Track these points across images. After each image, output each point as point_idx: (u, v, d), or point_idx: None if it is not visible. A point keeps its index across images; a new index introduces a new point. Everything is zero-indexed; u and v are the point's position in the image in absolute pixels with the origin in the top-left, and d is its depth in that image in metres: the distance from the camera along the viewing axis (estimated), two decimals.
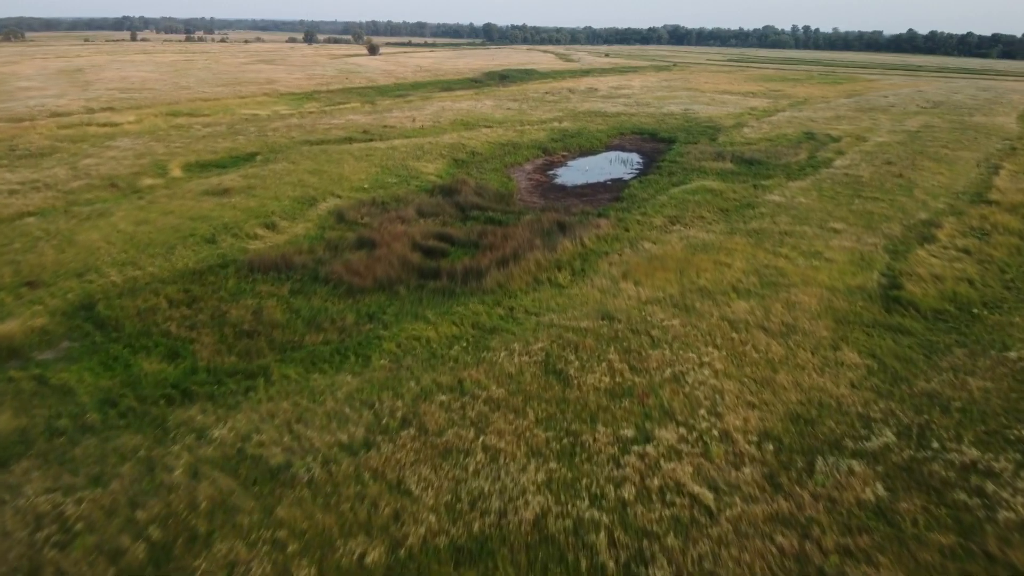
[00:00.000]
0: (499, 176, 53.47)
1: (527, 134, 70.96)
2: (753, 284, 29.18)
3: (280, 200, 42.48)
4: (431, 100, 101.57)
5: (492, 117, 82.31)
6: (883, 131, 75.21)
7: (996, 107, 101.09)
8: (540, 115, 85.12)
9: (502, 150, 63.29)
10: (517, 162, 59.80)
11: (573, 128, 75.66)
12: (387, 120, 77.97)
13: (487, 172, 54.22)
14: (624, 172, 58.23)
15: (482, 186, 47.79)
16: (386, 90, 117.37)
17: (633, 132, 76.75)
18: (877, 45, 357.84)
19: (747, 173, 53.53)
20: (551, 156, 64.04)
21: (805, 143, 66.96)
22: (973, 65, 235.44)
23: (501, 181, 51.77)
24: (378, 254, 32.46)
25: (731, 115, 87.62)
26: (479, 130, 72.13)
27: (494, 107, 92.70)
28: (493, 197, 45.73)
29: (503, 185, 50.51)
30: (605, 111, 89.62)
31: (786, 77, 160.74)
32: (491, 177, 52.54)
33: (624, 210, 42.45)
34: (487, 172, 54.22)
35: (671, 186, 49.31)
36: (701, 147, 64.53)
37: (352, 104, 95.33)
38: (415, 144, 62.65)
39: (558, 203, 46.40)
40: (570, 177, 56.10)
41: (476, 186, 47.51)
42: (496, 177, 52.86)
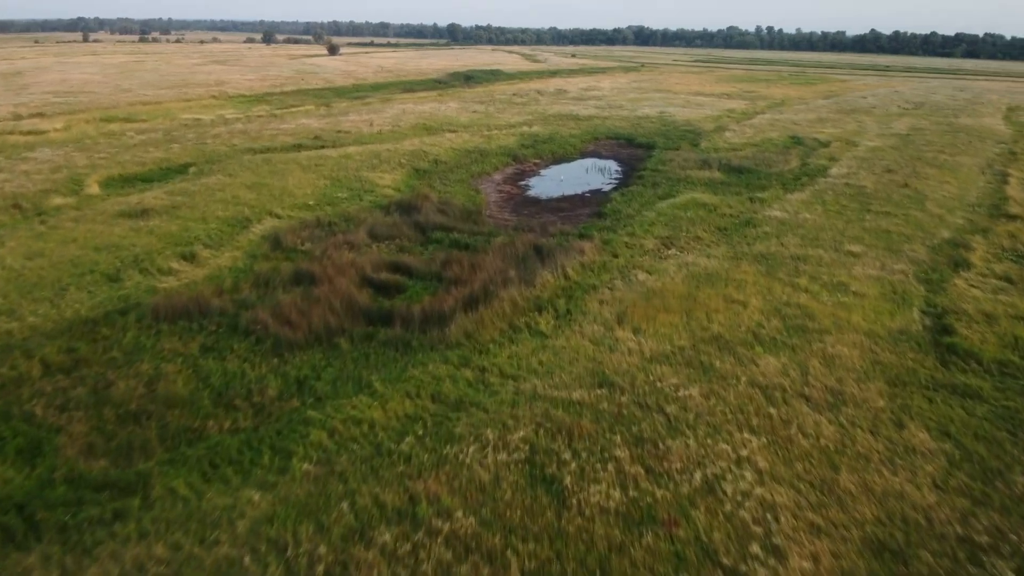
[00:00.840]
0: (465, 188, 47.74)
1: (495, 140, 65.34)
2: (777, 330, 23.90)
3: (207, 222, 36.24)
4: (391, 102, 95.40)
5: (457, 121, 76.53)
6: (871, 134, 71.10)
7: (978, 108, 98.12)
8: (508, 118, 79.56)
9: (468, 158, 57.57)
10: (485, 172, 54.15)
11: (544, 133, 70.21)
12: (342, 124, 71.70)
13: (452, 184, 48.46)
14: (603, 182, 52.93)
15: (446, 201, 42.01)
16: (344, 92, 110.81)
17: (608, 137, 71.59)
18: (842, 45, 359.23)
19: (738, 183, 48.57)
20: (522, 164, 58.53)
21: (793, 148, 62.39)
22: (940, 65, 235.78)
23: (468, 194, 46.05)
24: (318, 293, 26.53)
25: (709, 118, 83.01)
26: (442, 135, 66.31)
27: (459, 110, 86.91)
28: (459, 214, 40.00)
29: (470, 199, 44.81)
30: (577, 114, 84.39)
31: (756, 77, 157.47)
32: (456, 189, 46.79)
33: (609, 229, 37.06)
34: (452, 184, 48.46)
35: (657, 199, 44.08)
36: (684, 154, 59.51)
37: (306, 107, 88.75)
38: (371, 152, 56.63)
39: (533, 220, 40.87)
40: (544, 188, 50.60)
41: (439, 201, 41.73)
42: (462, 189, 47.13)
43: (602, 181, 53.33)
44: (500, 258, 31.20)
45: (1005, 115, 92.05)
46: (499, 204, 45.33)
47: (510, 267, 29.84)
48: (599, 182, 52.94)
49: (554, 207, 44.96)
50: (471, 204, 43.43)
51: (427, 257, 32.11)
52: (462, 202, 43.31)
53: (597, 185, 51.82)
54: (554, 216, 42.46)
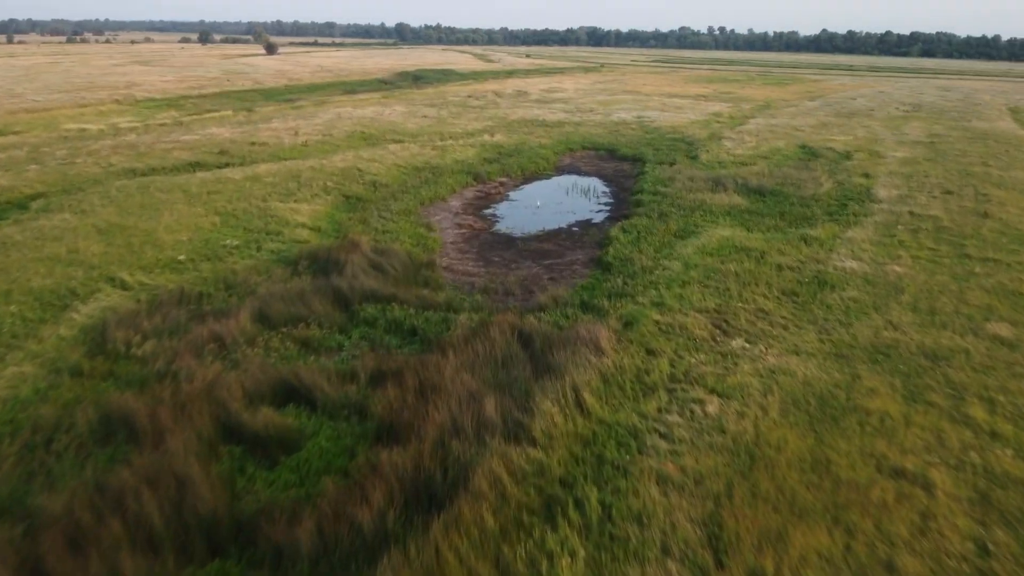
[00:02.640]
0: (412, 224, 35.26)
1: (450, 153, 52.96)
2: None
3: (7, 301, 23.10)
4: (326, 106, 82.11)
5: (403, 128, 63.85)
6: (890, 142, 60.83)
7: (980, 110, 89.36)
8: (465, 125, 67.19)
9: (417, 178, 45.10)
10: (439, 196, 41.71)
11: (509, 143, 58.07)
12: (260, 134, 58.40)
13: (394, 217, 35.92)
14: (590, 209, 41.06)
15: (384, 249, 29.40)
16: (273, 94, 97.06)
17: (585, 147, 59.87)
18: (796, 45, 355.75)
19: (771, 212, 37.22)
20: (485, 184, 46.29)
21: (812, 162, 51.49)
22: (903, 64, 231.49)
23: (415, 233, 33.59)
24: (132, 475, 13.91)
25: (697, 123, 71.99)
26: (385, 147, 53.62)
27: (406, 114, 74.21)
28: (402, 270, 27.53)
29: (418, 241, 32.37)
30: (544, 119, 72.47)
31: (726, 78, 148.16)
32: (400, 226, 34.30)
33: (623, 294, 25.09)
34: (394, 217, 35.92)
35: (675, 238, 32.37)
36: (685, 170, 48.03)
37: (223, 112, 74.91)
38: (290, 171, 43.72)
39: (509, 274, 28.77)
40: (517, 219, 38.46)
41: (374, 249, 29.12)
42: (408, 226, 34.65)
43: (589, 208, 41.44)
44: (467, 366, 18.91)
45: (1014, 117, 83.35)
46: (459, 247, 32.98)
47: (485, 389, 17.57)
48: (586, 209, 41.04)
49: (534, 249, 32.84)
50: (420, 250, 31.01)
51: (345, 365, 19.54)
52: (407, 247, 30.86)
53: (584, 213, 39.92)
54: (536, 265, 30.38)
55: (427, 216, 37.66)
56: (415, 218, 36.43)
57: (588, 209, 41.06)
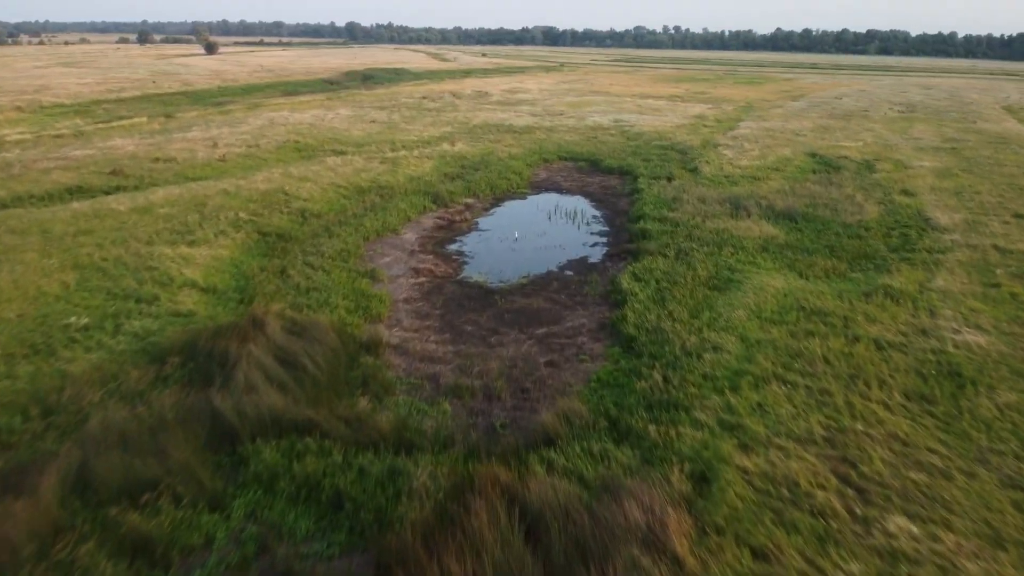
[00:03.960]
0: (351, 271, 25.99)
1: (404, 166, 43.73)
2: None
3: None
4: (260, 110, 71.93)
5: (347, 136, 54.33)
6: (907, 149, 53.50)
7: (978, 110, 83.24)
8: (420, 131, 57.93)
9: (361, 202, 35.86)
10: (389, 228, 32.45)
11: (474, 154, 49.05)
12: (170, 146, 48.30)
13: (326, 263, 26.58)
14: (583, 242, 32.30)
15: (304, 325, 20.01)
16: (203, 96, 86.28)
17: (562, 157, 51.15)
18: (753, 44, 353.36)
19: (819, 248, 28.96)
20: (448, 208, 37.20)
21: (834, 175, 43.61)
22: (867, 62, 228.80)
23: (354, 287, 24.33)
24: None
25: (682, 128, 63.88)
26: (323, 161, 44.12)
27: (351, 119, 64.57)
28: (326, 366, 18.15)
29: (358, 301, 23.14)
30: (511, 124, 63.56)
31: (694, 77, 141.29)
32: (333, 277, 25.02)
33: (670, 404, 16.29)
34: (326, 263, 26.58)
35: (711, 290, 23.86)
36: (691, 188, 39.68)
37: (136, 119, 64.23)
38: (195, 197, 34.07)
39: (489, 357, 19.81)
40: (492, 259, 29.47)
41: (288, 326, 19.73)
42: (344, 276, 25.37)
43: (581, 239, 32.67)
44: None
45: (1017, 117, 77.32)
46: (416, 308, 23.82)
47: None
48: (577, 242, 32.27)
49: (520, 309, 23.89)
50: (359, 317, 21.84)
51: None
52: (341, 315, 21.67)
53: (576, 248, 31.16)
54: (526, 338, 21.48)
55: (372, 258, 28.39)
56: (356, 263, 27.12)
57: (580, 242, 32.27)
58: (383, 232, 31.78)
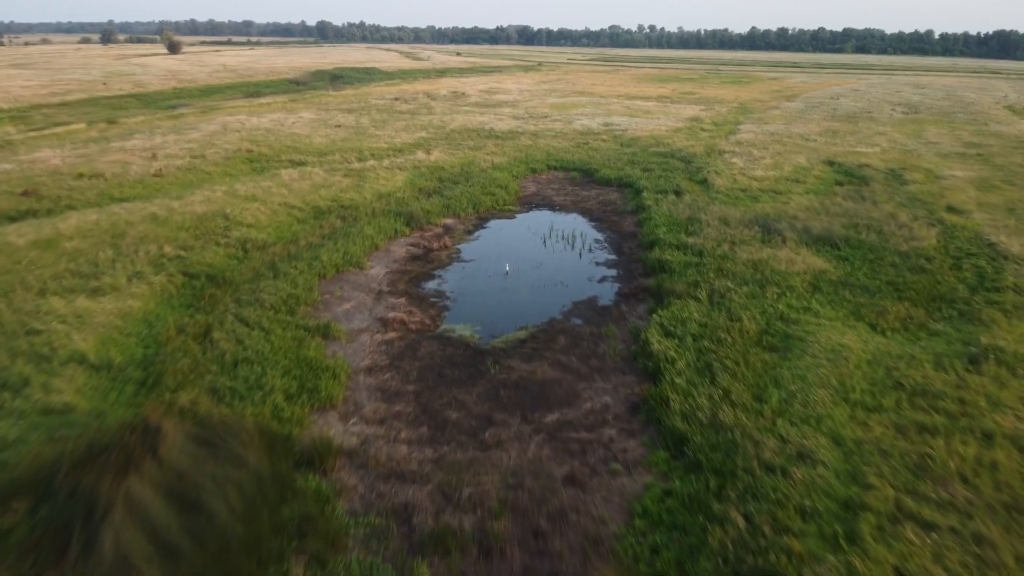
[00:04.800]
0: (298, 328, 20.04)
1: (372, 180, 37.79)
2: None
3: None
4: (214, 113, 65.37)
5: (308, 144, 48.19)
6: (929, 155, 48.65)
7: (983, 110, 79.06)
8: (392, 137, 51.93)
9: (319, 228, 29.88)
10: (352, 260, 26.46)
11: (453, 164, 43.22)
12: (102, 159, 41.85)
13: (267, 316, 20.56)
14: (588, 275, 26.64)
15: (218, 431, 14.03)
16: (155, 99, 79.39)
17: (551, 167, 45.50)
18: (730, 43, 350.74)
19: (880, 286, 23.60)
20: (423, 231, 31.36)
21: (863, 189, 38.46)
22: (848, 60, 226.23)
23: (299, 355, 18.40)
24: None
25: (679, 132, 58.54)
26: (277, 175, 38.03)
27: (315, 123, 58.36)
28: (242, 495, 12.37)
29: (303, 377, 17.27)
30: (492, 129, 57.76)
31: (677, 77, 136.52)
32: (274, 340, 19.07)
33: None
34: (267, 316, 20.56)
35: (769, 352, 18.35)
36: (707, 206, 34.26)
37: (75, 126, 57.44)
38: (114, 225, 27.88)
39: (484, 469, 14.21)
40: (479, 303, 23.67)
41: (196, 433, 13.73)
42: (287, 337, 19.41)
43: (586, 273, 27.00)
44: None
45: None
46: (380, 385, 17.94)
47: None
48: (581, 276, 26.60)
49: (519, 381, 18.15)
50: (301, 408, 15.99)
51: None
52: (273, 407, 15.79)
53: (581, 284, 25.51)
54: (533, 433, 15.86)
55: (328, 305, 22.49)
56: (306, 314, 21.20)
57: (585, 275, 26.61)
58: (344, 267, 25.85)
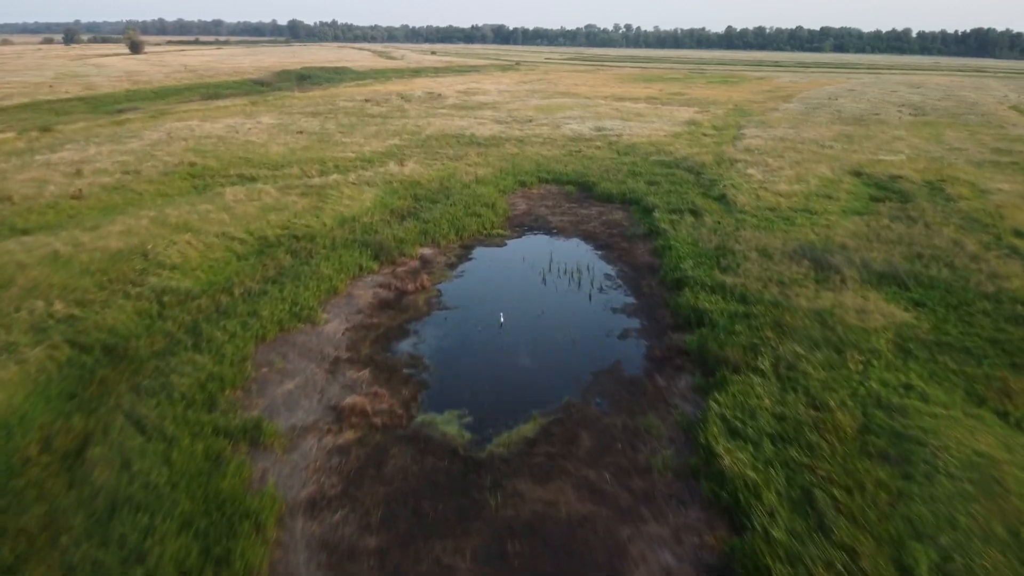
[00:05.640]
0: (215, 426, 14.19)
1: (333, 200, 31.87)
2: None
3: None
4: (164, 119, 58.85)
5: (263, 154, 42.07)
6: (961, 163, 43.83)
7: (991, 110, 74.76)
8: (361, 145, 45.96)
9: (262, 268, 23.90)
10: (300, 314, 20.53)
11: (430, 177, 37.41)
12: (18, 176, 35.39)
13: (171, 411, 14.66)
14: (605, 328, 20.99)
15: None
16: (104, 103, 72.56)
17: (543, 179, 39.87)
18: (708, 42, 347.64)
19: (990, 351, 18.19)
20: (396, 266, 25.55)
21: (904, 205, 33.32)
22: (829, 60, 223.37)
23: (209, 483, 12.56)
24: None
25: (678, 138, 53.21)
26: (220, 194, 31.96)
27: (275, 129, 52.19)
28: None
29: (208, 522, 11.43)
30: (474, 134, 52.00)
31: (663, 77, 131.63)
32: (174, 450, 13.18)
33: None
34: (171, 411, 14.66)
35: (877, 458, 12.77)
36: (735, 229, 28.85)
37: (2, 136, 50.75)
38: (4, 267, 21.76)
39: None
40: (462, 372, 17.91)
41: None
42: (198, 444, 13.55)
43: (601, 324, 21.35)
44: None
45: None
46: (323, 537, 12.09)
47: None
48: (596, 329, 20.97)
49: (534, 526, 12.50)
50: None
51: None
52: None
53: (598, 345, 19.90)
54: None
55: (264, 388, 16.64)
56: (229, 405, 15.34)
57: (601, 328, 21.01)
58: (290, 323, 19.97)
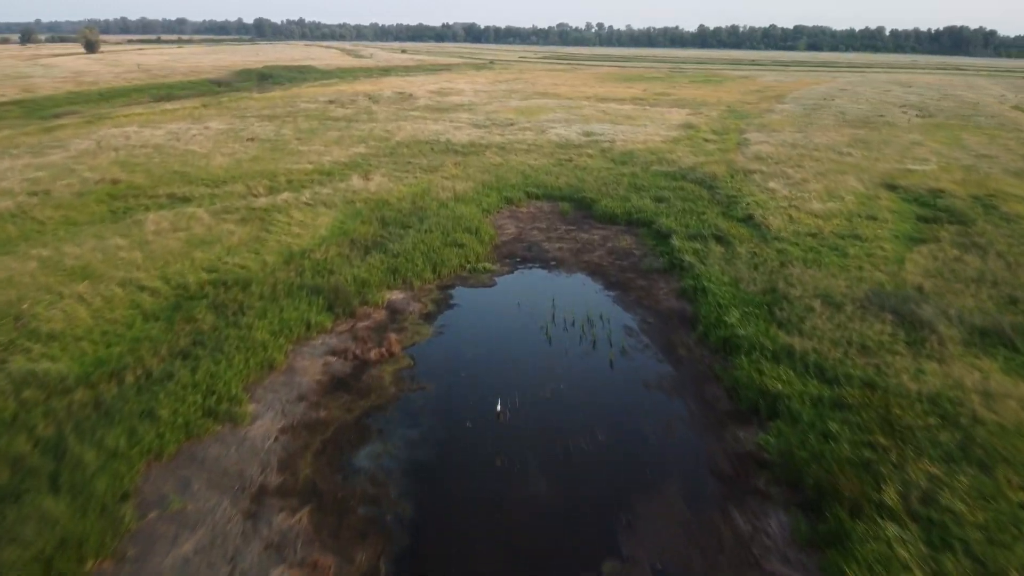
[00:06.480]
0: None
1: (280, 227, 25.90)
2: None
3: None
4: (100, 124, 52.22)
5: (203, 167, 35.88)
6: (998, 173, 39.28)
7: (995, 111, 70.56)
8: (320, 154, 39.92)
9: (169, 337, 17.82)
10: (214, 411, 14.65)
11: (401, 195, 31.56)
12: None
13: None
14: (640, 419, 15.39)
15: None
16: (42, 106, 65.50)
17: (531, 194, 34.30)
18: (682, 41, 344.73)
19: None
20: (355, 322, 19.75)
21: (968, 229, 28.23)
22: (806, 58, 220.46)
23: None
24: None
25: (678, 144, 47.91)
26: (140, 222, 25.81)
27: (223, 135, 45.91)
28: None
29: None
30: (450, 140, 46.19)
31: (643, 76, 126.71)
32: None
33: None
34: None
35: None
36: (779, 265, 23.45)
37: None
38: None
39: None
40: (447, 511, 12.21)
41: None
42: None
43: (636, 412, 15.79)
44: None
45: None
46: None
47: None
48: (627, 420, 15.41)
49: None
50: None
51: None
52: None
53: (635, 450, 14.37)
54: None
55: (147, 547, 10.82)
56: None
57: (631, 413, 15.48)
58: (201, 426, 14.13)
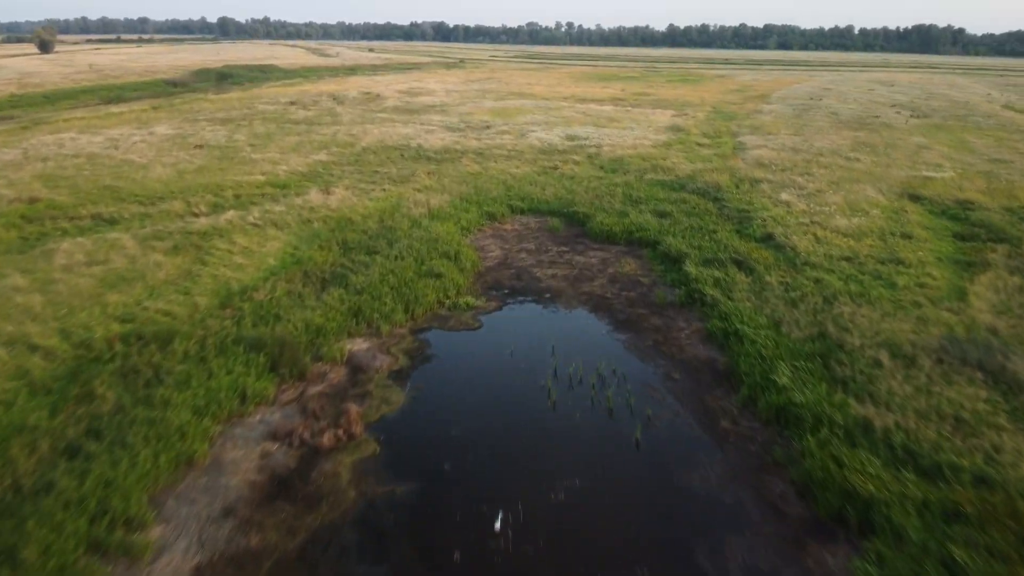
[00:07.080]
0: None
1: (218, 257, 21.48)
2: None
3: None
4: (37, 130, 47.06)
5: (140, 180, 31.24)
6: (1019, 180, 35.86)
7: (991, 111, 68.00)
8: (275, 163, 35.42)
9: (56, 423, 13.43)
10: (101, 543, 10.42)
11: (366, 210, 27.28)
12: None
13: None
14: (690, 540, 11.37)
15: None
16: None
17: (515, 209, 30.25)
18: (653, 40, 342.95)
19: None
20: (304, 386, 15.53)
21: (1018, 251, 24.73)
22: (779, 57, 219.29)
23: None
24: None
25: (670, 149, 44.20)
26: (50, 254, 21.24)
27: (167, 142, 41.15)
28: None
29: None
30: (421, 146, 41.93)
31: (619, 76, 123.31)
32: None
33: None
34: None
35: None
36: (832, 307, 19.65)
37: None
38: None
39: None
40: None
41: None
42: None
43: (679, 525, 11.79)
44: None
45: None
46: None
47: None
48: (660, 523, 11.47)
49: None
50: None
51: None
52: None
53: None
54: None
55: None
56: None
57: (671, 523, 11.54)
58: (82, 567, 9.87)
